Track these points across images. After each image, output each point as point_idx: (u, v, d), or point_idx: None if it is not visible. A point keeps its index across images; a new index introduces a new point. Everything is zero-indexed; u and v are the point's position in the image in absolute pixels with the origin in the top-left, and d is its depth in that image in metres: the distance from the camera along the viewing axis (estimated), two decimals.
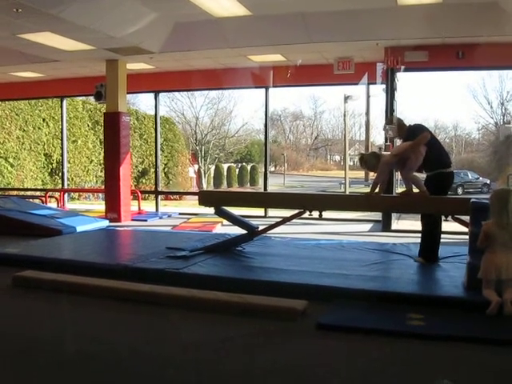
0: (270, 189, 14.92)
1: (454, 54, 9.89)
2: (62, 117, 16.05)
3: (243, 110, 79.23)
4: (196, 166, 35.79)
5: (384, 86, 10.76)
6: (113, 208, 12.24)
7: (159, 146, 15.11)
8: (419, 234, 6.86)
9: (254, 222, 8.44)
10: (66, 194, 16.41)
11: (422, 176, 6.80)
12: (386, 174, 6.71)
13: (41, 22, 8.75)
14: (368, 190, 7.02)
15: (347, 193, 26.04)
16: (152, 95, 14.70)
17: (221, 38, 10.14)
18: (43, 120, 20.71)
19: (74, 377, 3.50)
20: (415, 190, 6.52)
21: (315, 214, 7.01)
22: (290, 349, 4.03)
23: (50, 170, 21.11)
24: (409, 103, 65.18)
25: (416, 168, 6.48)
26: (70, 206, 16.63)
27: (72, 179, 21.26)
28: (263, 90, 13.19)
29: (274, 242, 8.27)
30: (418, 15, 8.80)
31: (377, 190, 6.59)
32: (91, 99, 18.81)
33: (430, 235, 6.60)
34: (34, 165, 20.35)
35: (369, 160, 6.72)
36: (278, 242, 8.38)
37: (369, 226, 11.74)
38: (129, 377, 3.51)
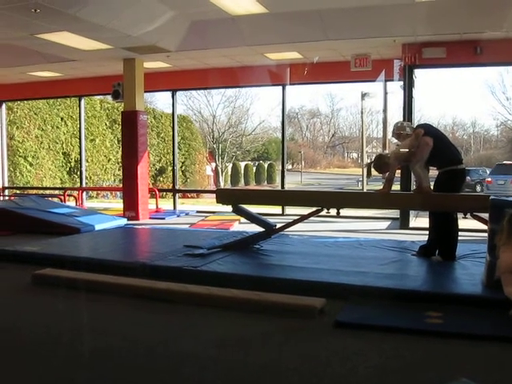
0: (288, 187, 14.90)
1: (471, 49, 9.81)
2: (80, 116, 16.16)
3: (260, 108, 79.51)
4: (213, 164, 35.83)
5: (401, 82, 10.72)
6: (131, 206, 12.31)
7: (176, 145, 15.12)
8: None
9: (271, 219, 8.43)
10: (85, 193, 16.51)
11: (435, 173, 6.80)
12: (395, 170, 6.74)
13: (58, 22, 8.81)
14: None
15: (365, 190, 25.96)
16: (169, 94, 14.72)
17: (237, 36, 10.14)
18: (61, 119, 20.88)
19: (92, 372, 3.53)
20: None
21: (333, 211, 7.00)
22: (308, 347, 4.03)
23: (68, 169, 21.28)
24: (427, 100, 64.88)
25: (423, 160, 6.46)
26: (88, 204, 16.74)
27: (90, 178, 21.42)
28: (280, 87, 13.17)
29: (292, 240, 8.26)
30: (436, 11, 8.75)
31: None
32: (109, 98, 18.86)
33: (447, 233, 6.56)
34: (52, 164, 20.52)
35: (380, 164, 6.75)
36: (295, 239, 8.37)
37: (387, 223, 11.70)
38: (146, 373, 3.52)
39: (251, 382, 3.39)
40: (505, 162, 24.96)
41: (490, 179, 21.44)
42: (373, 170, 6.89)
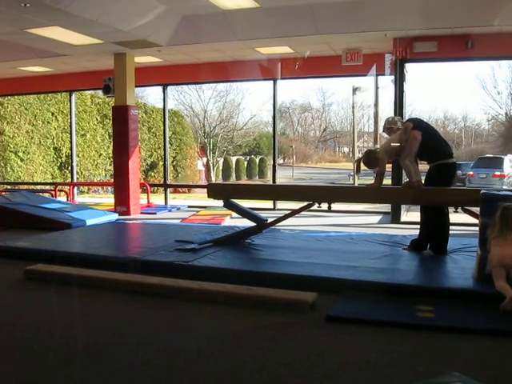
0: (279, 181, 14.90)
1: (463, 44, 9.82)
2: (70, 111, 16.08)
3: (251, 103, 79.53)
4: (204, 159, 35.80)
5: (393, 77, 10.72)
6: (122, 201, 12.28)
7: (168, 140, 15.10)
8: None
9: (262, 214, 8.43)
10: (76, 188, 16.47)
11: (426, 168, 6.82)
12: (386, 164, 6.77)
13: (48, 17, 8.77)
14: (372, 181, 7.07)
15: (356, 185, 26.01)
16: (160, 88, 14.69)
17: (228, 31, 10.12)
18: (52, 114, 20.78)
19: (84, 367, 3.52)
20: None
21: (324, 206, 7.01)
22: (300, 341, 4.04)
23: (59, 164, 21.20)
24: (418, 94, 64.98)
25: (412, 154, 6.49)
26: (79, 199, 16.67)
27: (81, 173, 21.35)
28: (271, 82, 13.16)
29: (283, 235, 8.27)
30: (427, 5, 8.76)
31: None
32: (100, 93, 18.85)
33: (439, 227, 6.58)
34: (43, 159, 20.44)
35: (369, 159, 6.76)
36: (287, 234, 8.38)
37: (378, 217, 11.73)
38: (138, 368, 3.52)
39: (243, 377, 3.39)
40: (487, 155, 24.94)
41: (471, 173, 21.35)
42: (362, 165, 6.89)
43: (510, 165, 20.90)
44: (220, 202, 7.79)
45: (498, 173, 20.53)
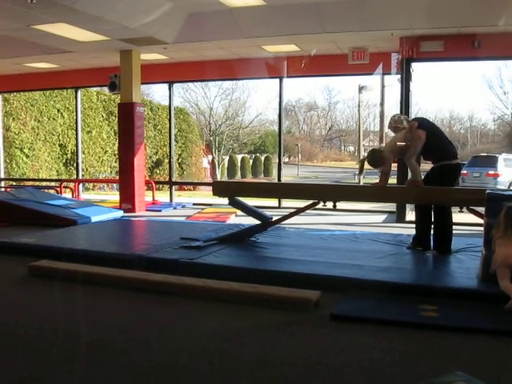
0: (284, 179, 14.90)
1: (469, 43, 9.79)
2: (76, 107, 16.09)
3: (257, 101, 79.37)
4: (210, 157, 35.75)
5: (399, 76, 10.71)
6: (127, 198, 12.29)
7: (173, 137, 15.10)
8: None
9: (267, 212, 8.43)
10: (81, 185, 16.50)
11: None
12: (391, 163, 6.75)
13: (55, 13, 8.77)
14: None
15: (361, 184, 25.97)
16: (166, 86, 14.69)
17: (235, 29, 10.12)
18: (58, 111, 20.80)
19: (88, 364, 3.53)
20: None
21: (329, 204, 7.01)
22: (304, 339, 4.04)
23: (64, 161, 21.23)
24: (424, 94, 64.83)
25: (416, 153, 6.49)
26: (84, 196, 16.71)
27: (86, 170, 21.36)
28: (277, 80, 13.15)
29: (288, 233, 8.26)
30: (434, 4, 8.74)
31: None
32: (105, 90, 18.84)
33: (442, 227, 6.56)
34: (48, 155, 20.46)
35: (374, 158, 6.74)
36: (291, 232, 8.37)
37: (383, 216, 11.71)
38: (141, 365, 3.53)
39: (246, 375, 3.40)
40: (481, 154, 24.83)
41: (465, 171, 21.16)
42: (366, 165, 6.88)
43: (504, 164, 20.74)
44: (225, 200, 7.80)
45: (491, 172, 20.36)
